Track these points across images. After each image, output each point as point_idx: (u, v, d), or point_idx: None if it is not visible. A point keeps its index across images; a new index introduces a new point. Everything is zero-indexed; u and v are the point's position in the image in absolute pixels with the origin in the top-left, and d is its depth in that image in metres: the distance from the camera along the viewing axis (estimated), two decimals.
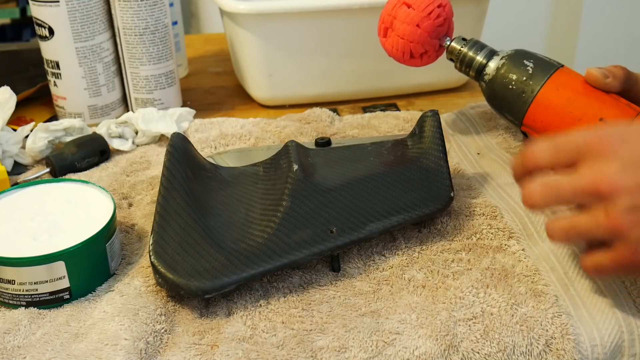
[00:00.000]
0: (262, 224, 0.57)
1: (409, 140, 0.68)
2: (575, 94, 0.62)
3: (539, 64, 0.65)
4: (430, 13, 0.68)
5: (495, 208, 0.63)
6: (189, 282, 0.51)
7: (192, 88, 0.95)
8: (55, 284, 0.52)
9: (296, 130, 0.78)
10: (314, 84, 0.87)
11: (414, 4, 0.68)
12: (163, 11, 0.80)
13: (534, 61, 0.66)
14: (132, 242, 0.61)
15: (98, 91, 0.82)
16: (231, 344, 0.49)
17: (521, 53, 0.67)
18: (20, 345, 0.49)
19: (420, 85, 0.90)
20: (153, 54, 0.81)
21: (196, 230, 0.55)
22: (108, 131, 0.76)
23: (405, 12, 0.69)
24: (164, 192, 0.58)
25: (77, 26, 0.78)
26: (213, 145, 0.76)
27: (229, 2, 0.81)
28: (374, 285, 0.55)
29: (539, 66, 0.65)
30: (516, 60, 0.67)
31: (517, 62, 0.66)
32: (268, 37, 0.82)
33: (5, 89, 0.76)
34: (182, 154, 0.62)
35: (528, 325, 0.50)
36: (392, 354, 0.48)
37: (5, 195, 0.59)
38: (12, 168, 0.72)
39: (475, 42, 0.70)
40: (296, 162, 0.62)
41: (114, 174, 0.71)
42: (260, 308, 0.53)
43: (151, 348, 0.49)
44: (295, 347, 0.49)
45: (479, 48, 0.70)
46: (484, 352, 0.49)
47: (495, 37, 1.20)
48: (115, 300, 0.53)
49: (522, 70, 0.65)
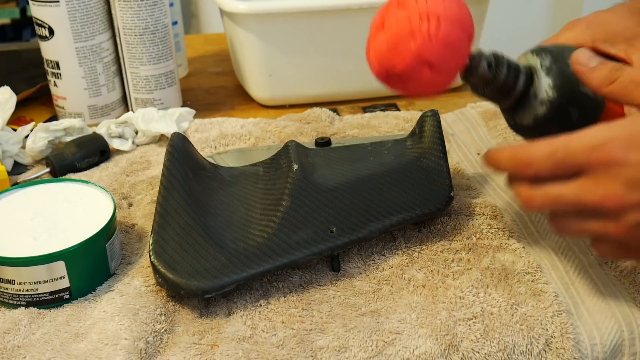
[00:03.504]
0: (262, 224, 0.57)
1: (408, 140, 0.68)
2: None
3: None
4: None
5: (495, 208, 0.63)
6: (189, 282, 0.51)
7: (192, 88, 0.95)
8: (55, 283, 0.52)
9: (296, 130, 0.78)
10: (314, 84, 0.87)
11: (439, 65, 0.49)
12: (163, 11, 0.80)
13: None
14: (132, 242, 0.61)
15: (98, 91, 0.82)
16: (231, 344, 0.49)
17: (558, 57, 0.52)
18: (20, 345, 0.49)
19: None
20: (153, 54, 0.81)
21: (196, 230, 0.55)
22: (108, 131, 0.76)
23: (428, 77, 0.50)
24: (164, 192, 0.58)
25: (77, 26, 0.78)
26: (213, 145, 0.76)
27: (229, 2, 0.81)
28: (374, 285, 0.55)
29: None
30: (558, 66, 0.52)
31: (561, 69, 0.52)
32: (268, 37, 0.82)
33: (5, 89, 0.76)
34: (182, 154, 0.62)
35: (528, 324, 0.50)
36: (392, 353, 0.48)
37: (5, 195, 0.59)
38: (12, 168, 0.72)
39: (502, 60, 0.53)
40: (296, 162, 0.62)
41: (114, 174, 0.71)
42: (260, 308, 0.53)
43: (151, 348, 0.49)
44: (295, 347, 0.49)
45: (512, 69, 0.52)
46: (484, 352, 0.49)
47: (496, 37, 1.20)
48: (115, 300, 0.53)
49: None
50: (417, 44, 0.47)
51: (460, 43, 0.48)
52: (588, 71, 0.48)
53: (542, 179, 0.46)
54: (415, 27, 0.46)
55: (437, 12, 0.47)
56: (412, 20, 0.47)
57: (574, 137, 0.44)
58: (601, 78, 0.48)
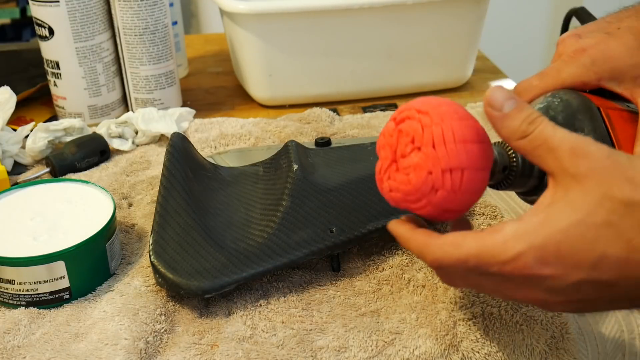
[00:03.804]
0: (262, 224, 0.57)
1: None
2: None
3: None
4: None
5: (495, 208, 0.63)
6: (189, 282, 0.51)
7: (192, 88, 0.95)
8: (55, 283, 0.52)
9: (296, 130, 0.78)
10: (314, 84, 0.87)
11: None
12: (163, 11, 0.80)
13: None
14: (132, 242, 0.61)
15: (98, 91, 0.82)
16: (231, 344, 0.49)
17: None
18: (20, 345, 0.49)
19: (420, 85, 0.90)
20: (153, 54, 0.81)
21: (196, 230, 0.55)
22: (108, 131, 0.76)
23: (446, 217, 0.46)
24: (164, 192, 0.58)
25: (77, 26, 0.78)
26: (213, 145, 0.76)
27: (229, 2, 0.81)
28: (374, 285, 0.55)
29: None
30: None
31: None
32: (268, 37, 0.82)
33: (5, 89, 0.76)
34: (182, 154, 0.62)
35: (528, 324, 0.50)
36: (392, 353, 0.48)
37: (5, 195, 0.59)
38: (12, 168, 0.72)
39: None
40: (296, 162, 0.62)
41: (114, 174, 0.71)
42: (260, 308, 0.53)
43: (151, 348, 0.49)
44: (295, 347, 0.49)
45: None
46: (484, 352, 0.49)
47: (496, 37, 1.20)
48: (115, 300, 0.53)
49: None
50: (439, 198, 0.43)
51: (483, 183, 0.44)
52: (500, 118, 0.41)
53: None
54: (438, 183, 0.42)
55: (461, 164, 0.42)
56: (434, 175, 0.42)
57: (484, 246, 0.39)
58: (512, 129, 0.41)
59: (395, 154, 0.44)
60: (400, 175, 0.44)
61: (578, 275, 0.38)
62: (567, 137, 0.39)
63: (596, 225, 0.37)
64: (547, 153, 0.39)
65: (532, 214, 0.39)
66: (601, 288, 0.38)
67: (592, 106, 0.46)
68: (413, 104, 0.44)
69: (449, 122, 0.42)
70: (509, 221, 0.39)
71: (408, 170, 0.43)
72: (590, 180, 0.38)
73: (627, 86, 0.47)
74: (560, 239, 0.38)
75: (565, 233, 0.38)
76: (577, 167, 0.38)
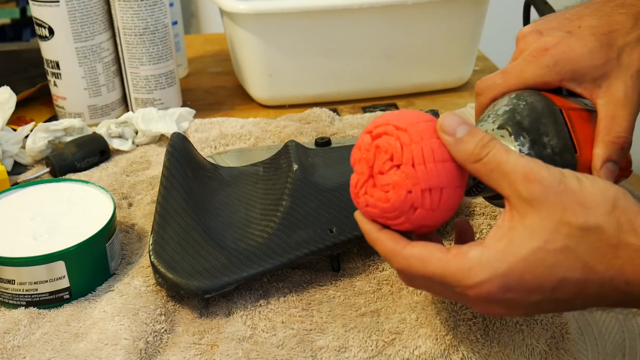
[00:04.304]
0: (262, 224, 0.57)
1: None
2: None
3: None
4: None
5: (495, 208, 0.63)
6: (189, 282, 0.51)
7: (192, 88, 0.95)
8: (55, 283, 0.52)
9: (296, 130, 0.78)
10: (314, 84, 0.87)
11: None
12: (163, 11, 0.80)
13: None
14: (132, 242, 0.61)
15: (98, 91, 0.82)
16: (231, 344, 0.49)
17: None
18: (20, 345, 0.49)
19: (420, 85, 0.90)
20: (153, 54, 0.81)
21: (196, 230, 0.55)
22: (108, 131, 0.76)
23: (424, 231, 0.47)
24: (164, 192, 0.58)
25: (77, 26, 0.78)
26: (213, 145, 0.76)
27: (229, 2, 0.81)
28: (374, 285, 0.55)
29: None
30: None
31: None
32: (268, 37, 0.82)
33: (5, 89, 0.76)
34: (182, 154, 0.62)
35: (528, 324, 0.50)
36: (392, 353, 0.48)
37: (5, 195, 0.59)
38: (12, 168, 0.72)
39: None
40: (296, 162, 0.62)
41: (114, 174, 0.71)
42: (260, 308, 0.53)
43: (151, 348, 0.49)
44: (295, 347, 0.49)
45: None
46: (484, 352, 0.49)
47: (495, 38, 1.20)
48: (115, 300, 0.53)
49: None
50: (417, 216, 0.43)
51: (459, 199, 0.44)
52: (454, 142, 0.42)
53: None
54: (417, 202, 0.42)
55: (440, 184, 0.42)
56: (414, 194, 0.42)
57: (449, 269, 0.41)
58: (466, 153, 0.41)
59: (372, 170, 0.44)
60: (377, 192, 0.44)
61: (539, 296, 0.40)
62: (519, 162, 0.40)
63: (555, 251, 0.39)
64: (501, 178, 0.41)
65: (495, 238, 0.40)
66: (560, 304, 0.41)
67: (556, 109, 0.47)
68: (389, 118, 0.44)
69: (428, 141, 0.42)
70: (474, 245, 0.41)
71: (387, 187, 0.43)
72: (545, 206, 0.39)
73: (586, 87, 0.48)
74: (523, 267, 0.39)
75: (527, 260, 0.39)
76: (531, 193, 0.39)
